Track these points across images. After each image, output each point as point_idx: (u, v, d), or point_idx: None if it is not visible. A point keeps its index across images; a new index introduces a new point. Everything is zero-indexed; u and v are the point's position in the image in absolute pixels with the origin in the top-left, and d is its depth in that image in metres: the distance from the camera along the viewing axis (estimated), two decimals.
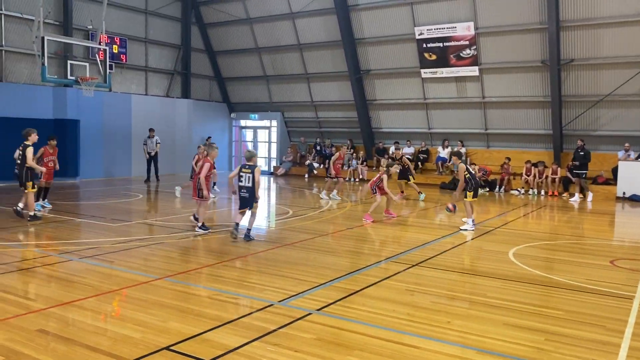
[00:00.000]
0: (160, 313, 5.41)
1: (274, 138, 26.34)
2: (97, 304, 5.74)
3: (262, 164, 26.71)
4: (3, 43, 18.08)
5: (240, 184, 9.20)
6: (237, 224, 9.38)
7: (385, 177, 12.34)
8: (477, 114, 20.80)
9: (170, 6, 23.90)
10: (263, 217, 12.65)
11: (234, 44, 25.19)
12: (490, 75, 19.91)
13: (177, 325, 5.06)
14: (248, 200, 9.18)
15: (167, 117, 23.33)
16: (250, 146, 27.44)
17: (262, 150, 27.15)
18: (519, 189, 18.73)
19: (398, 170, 15.32)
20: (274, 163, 26.23)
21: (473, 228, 10.76)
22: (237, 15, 24.14)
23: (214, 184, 16.17)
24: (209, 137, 25.14)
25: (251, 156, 9.30)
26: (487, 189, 19.01)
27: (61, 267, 7.37)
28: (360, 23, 21.49)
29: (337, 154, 15.79)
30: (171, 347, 4.52)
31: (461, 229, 10.81)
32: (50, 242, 9.08)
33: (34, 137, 10.96)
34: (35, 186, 11.05)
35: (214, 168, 10.41)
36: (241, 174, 9.21)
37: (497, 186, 19.05)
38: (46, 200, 12.68)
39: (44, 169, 11.36)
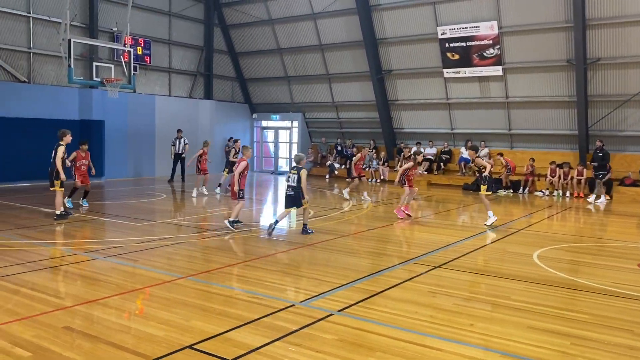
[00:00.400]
0: (183, 312, 5.47)
1: (295, 138, 26.39)
2: (122, 302, 5.83)
3: (282, 164, 26.86)
4: (31, 46, 18.48)
5: (288, 183, 9.90)
6: (277, 221, 9.98)
7: (411, 164, 12.58)
8: (501, 114, 20.54)
9: (193, 8, 24.13)
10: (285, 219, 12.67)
11: (256, 45, 25.33)
12: (514, 75, 19.65)
13: (200, 324, 5.11)
14: (294, 198, 9.82)
15: (190, 118, 23.56)
16: (272, 147, 27.59)
17: (283, 151, 27.24)
18: (543, 191, 18.44)
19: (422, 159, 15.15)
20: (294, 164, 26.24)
21: (495, 218, 11.18)
22: (259, 16, 24.27)
23: (219, 184, 16.59)
24: (231, 138, 25.34)
25: (299, 159, 10.15)
26: (511, 190, 18.76)
27: (87, 265, 7.50)
28: (382, 23, 21.41)
29: (359, 154, 15.82)
30: (194, 346, 4.57)
31: (486, 224, 11.09)
32: (77, 241, 9.25)
33: (68, 138, 11.40)
34: (63, 185, 11.32)
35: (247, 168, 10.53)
36: (289, 174, 9.97)
37: (521, 187, 18.79)
38: (85, 199, 13.07)
39: (63, 177, 11.39)
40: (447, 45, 20.22)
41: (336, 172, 23.17)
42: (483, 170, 11.42)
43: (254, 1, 23.96)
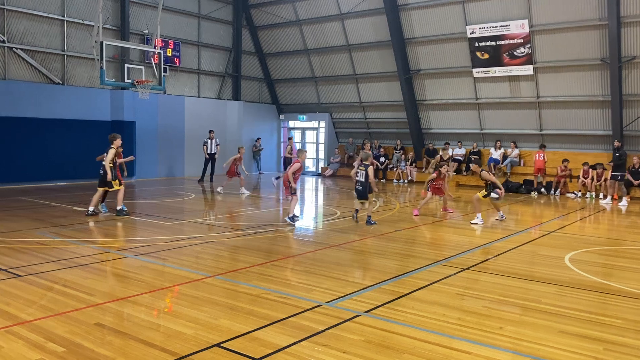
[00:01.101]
0: (211, 310, 5.53)
1: (322, 139, 26.43)
2: (151, 300, 5.92)
3: (309, 165, 26.92)
4: (65, 48, 18.95)
5: (357, 178, 11.13)
6: (357, 211, 11.46)
7: (434, 175, 13.16)
8: (532, 114, 20.18)
9: (221, 10, 24.40)
10: (310, 217, 12.71)
11: (283, 46, 25.45)
12: (546, 74, 19.28)
13: (228, 323, 5.15)
14: (362, 192, 11.10)
15: (218, 119, 23.83)
16: (299, 146, 27.66)
17: (310, 151, 27.29)
18: (575, 192, 18.04)
19: (448, 169, 15.09)
20: (321, 164, 26.32)
21: (482, 222, 11.51)
22: (286, 17, 24.39)
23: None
24: (259, 138, 25.54)
25: (367, 157, 11.13)
26: (543, 191, 18.41)
27: (118, 263, 7.65)
28: (410, 23, 21.27)
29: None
30: (222, 344, 4.61)
31: (472, 223, 11.48)
32: (108, 239, 9.44)
33: (117, 142, 11.94)
34: (122, 183, 11.95)
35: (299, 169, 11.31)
36: (358, 171, 11.15)
37: (553, 189, 18.41)
38: (103, 204, 13.25)
39: (110, 176, 11.73)
40: (476, 44, 19.97)
41: None
42: (490, 183, 11.85)
43: (281, 2, 24.09)
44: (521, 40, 19.04)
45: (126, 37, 20.24)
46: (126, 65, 17.70)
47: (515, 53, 19.37)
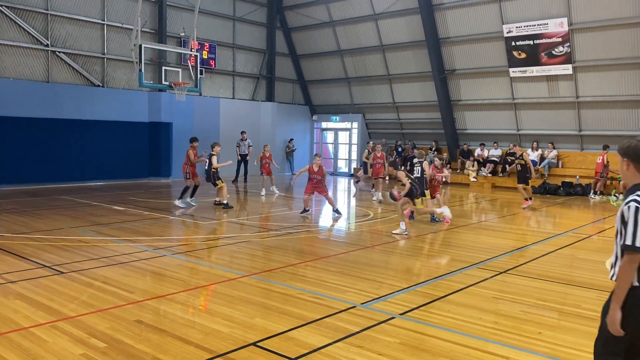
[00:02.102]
0: (247, 309, 5.60)
1: (354, 140, 26.38)
2: (188, 298, 6.04)
3: (342, 165, 26.94)
4: (105, 51, 19.46)
5: (412, 175, 10.98)
6: (412, 212, 11.81)
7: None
8: (570, 114, 19.67)
9: (256, 12, 24.63)
10: (344, 219, 12.72)
11: (317, 47, 25.53)
12: (585, 73, 18.77)
13: (263, 322, 5.21)
14: (419, 189, 10.87)
15: (252, 120, 24.09)
16: (331, 148, 27.71)
17: (342, 152, 27.30)
18: (617, 195, 17.50)
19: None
20: (354, 165, 26.27)
21: (406, 232, 10.21)
22: (320, 18, 24.45)
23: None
24: (291, 139, 25.70)
25: (421, 155, 11.41)
26: (598, 196, 17.93)
27: (155, 261, 7.82)
28: (445, 22, 21.04)
29: (372, 154, 16.24)
30: (258, 343, 4.66)
31: (394, 233, 10.24)
32: (146, 237, 9.65)
33: (217, 149, 13.54)
34: (223, 182, 13.50)
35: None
36: (414, 168, 11.23)
37: (592, 191, 17.91)
38: (193, 198, 13.84)
39: (229, 163, 13.84)
40: (513, 43, 19.61)
41: None
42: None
43: (315, 4, 24.17)
44: (560, 39, 18.60)
45: (163, 40, 20.64)
46: (163, 68, 18.09)
47: (553, 52, 18.93)
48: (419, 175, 11.04)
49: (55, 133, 17.65)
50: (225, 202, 13.27)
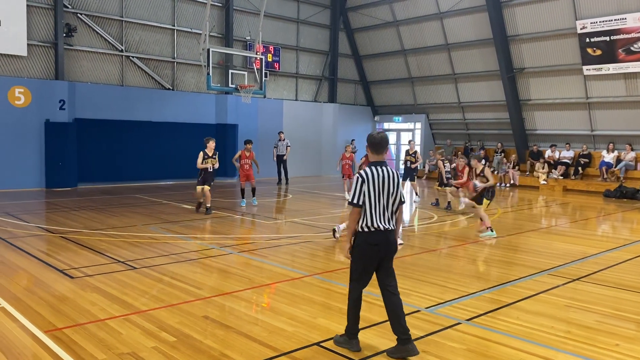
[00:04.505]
0: (310, 309, 5.64)
1: (417, 140, 25.97)
2: (253, 296, 6.16)
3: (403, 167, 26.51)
4: (175, 56, 20.22)
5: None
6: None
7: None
8: None
9: (320, 14, 24.80)
10: (405, 221, 12.55)
11: (380, 48, 25.37)
12: None
13: (325, 322, 5.23)
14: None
15: (314, 121, 24.28)
16: (394, 149, 27.43)
17: (405, 153, 26.90)
18: None
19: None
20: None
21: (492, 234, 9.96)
22: (384, 18, 24.29)
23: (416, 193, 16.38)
24: (353, 140, 25.66)
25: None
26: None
27: (222, 259, 8.03)
28: (514, 19, 20.36)
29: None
30: (321, 344, 4.69)
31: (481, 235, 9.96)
32: (213, 236, 9.94)
33: (211, 144, 12.32)
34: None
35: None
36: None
37: None
38: (254, 198, 13.99)
39: (209, 165, 12.42)
40: (587, 40, 18.68)
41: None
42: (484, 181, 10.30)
43: (379, 4, 24.04)
44: (639, 35, 17.54)
45: (230, 43, 21.19)
46: (230, 71, 18.55)
47: (632, 48, 17.87)
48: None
49: (128, 134, 18.51)
50: (208, 205, 12.23)
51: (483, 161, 11.05)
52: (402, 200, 4.55)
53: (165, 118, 19.42)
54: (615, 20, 17.89)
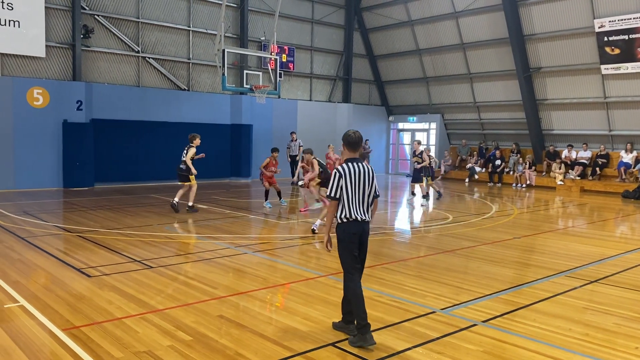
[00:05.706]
0: (324, 309, 5.64)
1: (432, 141, 25.87)
2: (267, 295, 6.17)
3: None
4: (190, 56, 20.35)
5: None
6: None
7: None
8: None
9: (334, 14, 24.79)
10: (421, 221, 12.50)
11: (394, 47, 25.28)
12: None
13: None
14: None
15: (328, 121, 24.27)
16: (408, 149, 27.33)
17: None
18: None
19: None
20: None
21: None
22: (398, 18, 24.20)
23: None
24: (367, 140, 25.60)
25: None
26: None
27: (237, 259, 8.06)
28: (530, 18, 20.16)
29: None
30: (337, 344, 4.68)
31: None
32: (228, 235, 9.98)
33: (197, 141, 12.90)
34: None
35: None
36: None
37: None
38: (282, 199, 14.21)
39: (202, 155, 12.96)
40: (605, 39, 18.43)
41: (476, 177, 22.32)
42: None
43: (394, 4, 23.96)
44: None
45: (245, 44, 21.26)
46: (245, 72, 18.63)
47: None
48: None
49: (144, 134, 18.67)
50: (191, 204, 12.41)
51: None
52: (377, 194, 4.97)
53: (181, 118, 19.55)
54: (634, 18, 17.62)
